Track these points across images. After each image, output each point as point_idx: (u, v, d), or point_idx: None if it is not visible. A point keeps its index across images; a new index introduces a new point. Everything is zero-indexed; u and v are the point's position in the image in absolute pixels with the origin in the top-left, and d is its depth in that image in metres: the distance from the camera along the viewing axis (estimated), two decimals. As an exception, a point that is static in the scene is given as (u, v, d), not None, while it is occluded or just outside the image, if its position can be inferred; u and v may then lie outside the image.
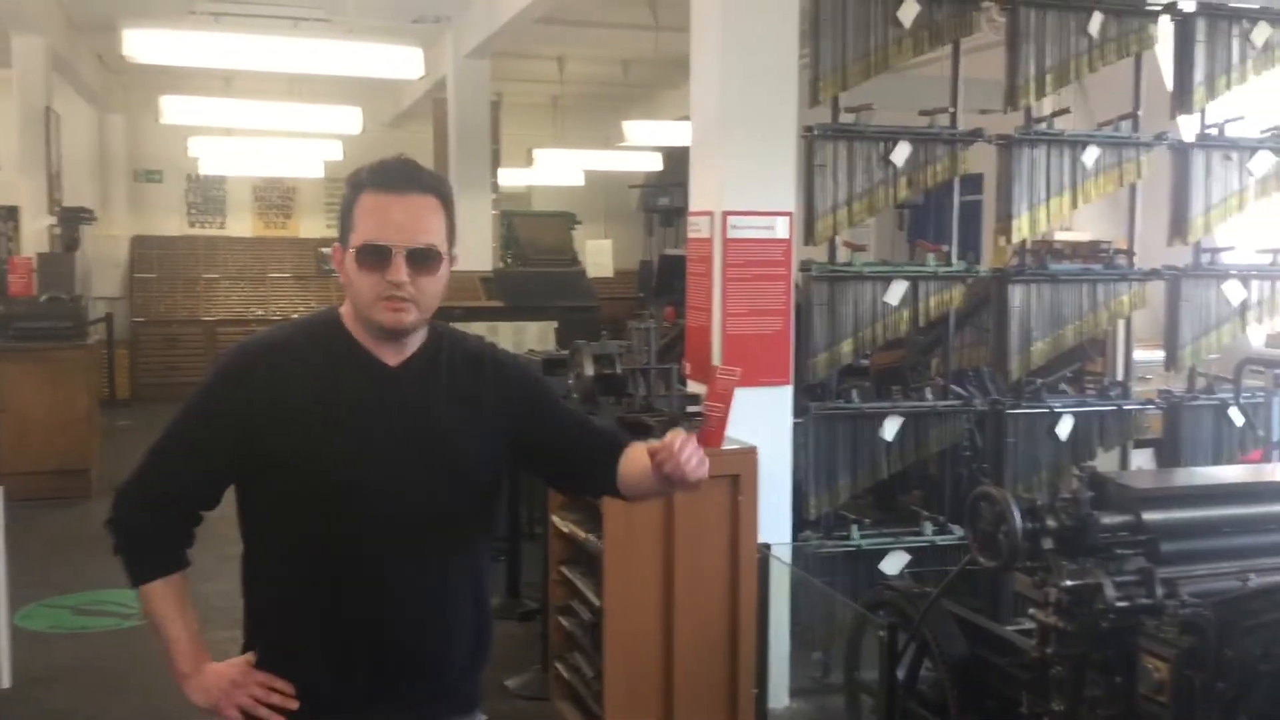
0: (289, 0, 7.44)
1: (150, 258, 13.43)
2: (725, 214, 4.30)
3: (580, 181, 13.90)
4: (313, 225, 14.90)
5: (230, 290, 13.65)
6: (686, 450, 1.84)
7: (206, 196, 14.35)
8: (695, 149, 4.58)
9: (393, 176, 1.92)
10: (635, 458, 2.03)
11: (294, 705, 1.95)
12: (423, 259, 1.90)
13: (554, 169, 12.53)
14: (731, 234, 4.31)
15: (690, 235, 4.56)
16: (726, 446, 3.92)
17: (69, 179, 12.16)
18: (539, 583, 5.61)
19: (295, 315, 14.02)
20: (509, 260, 12.56)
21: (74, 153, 12.51)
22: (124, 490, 1.98)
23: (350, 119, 8.41)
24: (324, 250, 14.54)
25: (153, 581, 1.97)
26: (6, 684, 4.51)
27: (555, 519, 4.43)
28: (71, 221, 11.26)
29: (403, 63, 5.36)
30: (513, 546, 5.75)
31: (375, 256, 1.88)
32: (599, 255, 10.29)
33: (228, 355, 1.99)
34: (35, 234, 9.34)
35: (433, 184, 1.95)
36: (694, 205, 4.55)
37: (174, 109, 7.91)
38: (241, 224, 14.56)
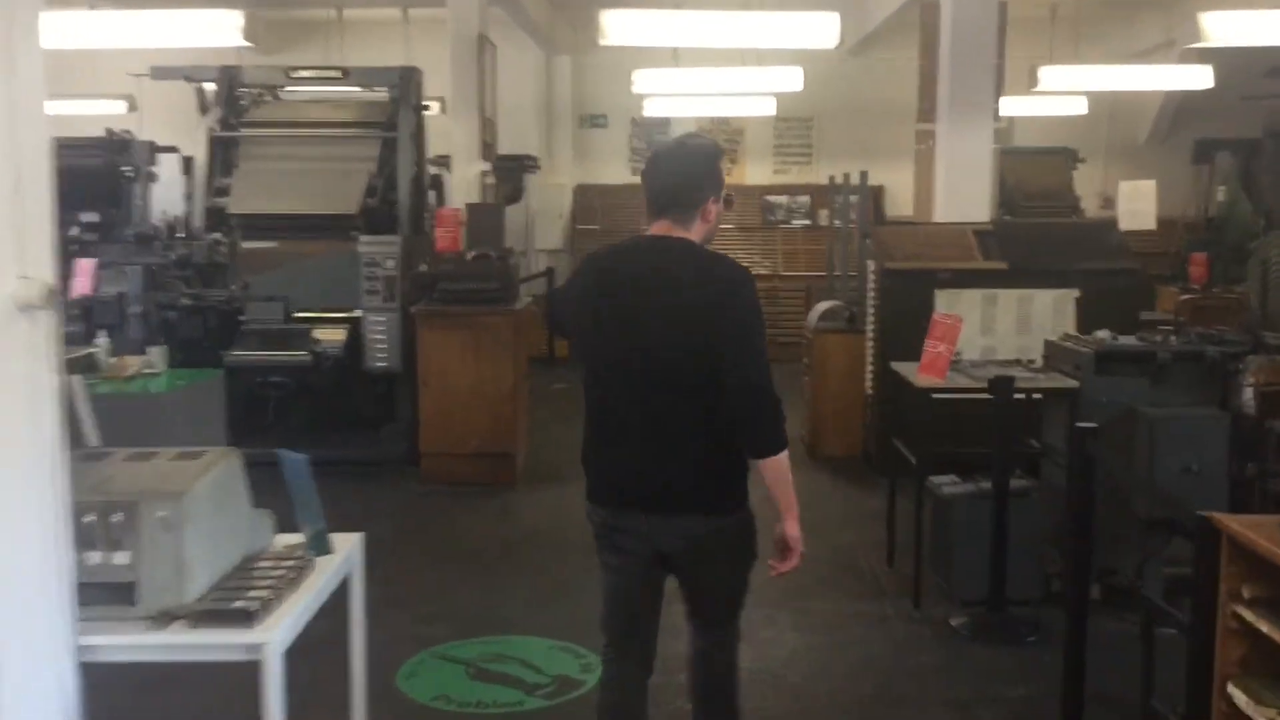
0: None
1: (593, 208, 12.89)
2: None
3: (1081, 110, 11.30)
4: (759, 171, 13.47)
5: (674, 243, 12.63)
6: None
7: (651, 142, 13.28)
8: None
9: None
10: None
11: None
12: None
13: (1047, 97, 10.07)
14: None
15: None
16: None
17: (515, 125, 11.45)
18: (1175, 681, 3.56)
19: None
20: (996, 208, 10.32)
21: (519, 98, 11.82)
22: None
23: (827, 28, 6.55)
24: (768, 199, 13.12)
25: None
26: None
27: (1236, 608, 2.39)
28: (514, 170, 10.48)
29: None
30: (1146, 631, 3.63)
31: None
32: (1138, 200, 7.70)
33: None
34: (464, 182, 8.34)
35: None
36: None
37: (616, 25, 6.50)
38: (686, 169, 13.44)
